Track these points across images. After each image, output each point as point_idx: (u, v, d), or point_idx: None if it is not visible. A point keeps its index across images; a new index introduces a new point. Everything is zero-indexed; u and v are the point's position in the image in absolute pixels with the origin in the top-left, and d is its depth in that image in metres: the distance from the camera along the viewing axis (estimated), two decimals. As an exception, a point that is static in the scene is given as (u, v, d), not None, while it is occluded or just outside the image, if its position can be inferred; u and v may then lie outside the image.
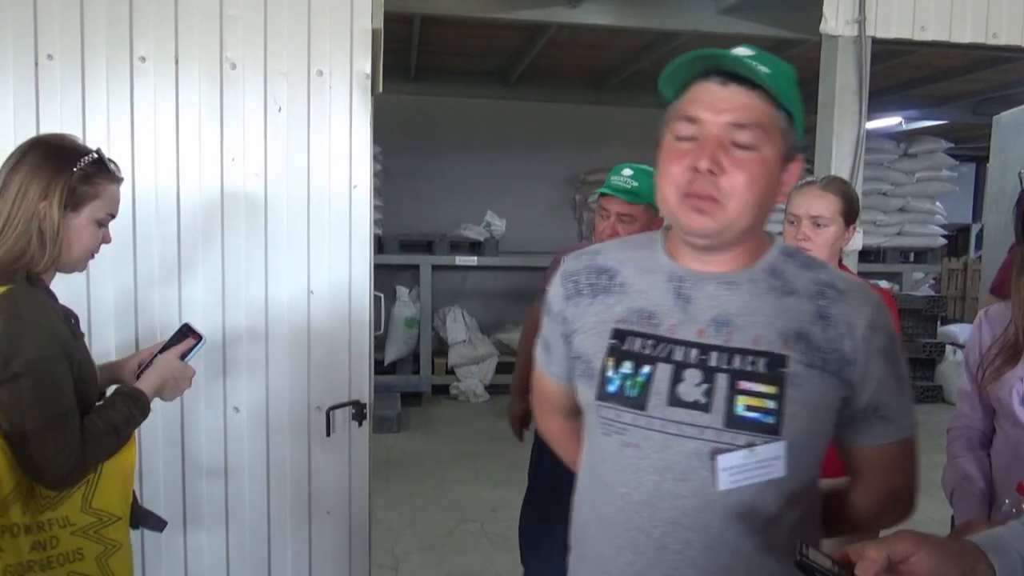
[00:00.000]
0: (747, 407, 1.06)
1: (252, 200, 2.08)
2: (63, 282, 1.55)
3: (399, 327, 6.50)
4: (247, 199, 2.07)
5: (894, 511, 1.22)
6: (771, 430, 1.05)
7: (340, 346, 2.15)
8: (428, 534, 3.93)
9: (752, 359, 1.07)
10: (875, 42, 3.16)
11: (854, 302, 1.10)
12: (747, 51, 1.09)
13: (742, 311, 1.10)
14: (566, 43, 5.57)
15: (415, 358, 6.70)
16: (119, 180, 1.52)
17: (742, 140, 1.05)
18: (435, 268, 6.61)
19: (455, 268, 6.72)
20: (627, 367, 1.11)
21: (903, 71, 6.02)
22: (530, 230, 7.01)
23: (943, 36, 3.14)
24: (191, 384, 1.66)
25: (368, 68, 2.08)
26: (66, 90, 1.97)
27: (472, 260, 6.58)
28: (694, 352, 1.09)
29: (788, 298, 1.10)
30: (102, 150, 1.49)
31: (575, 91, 7.18)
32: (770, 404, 1.05)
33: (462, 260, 6.55)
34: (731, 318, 1.10)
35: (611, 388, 1.12)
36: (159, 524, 1.69)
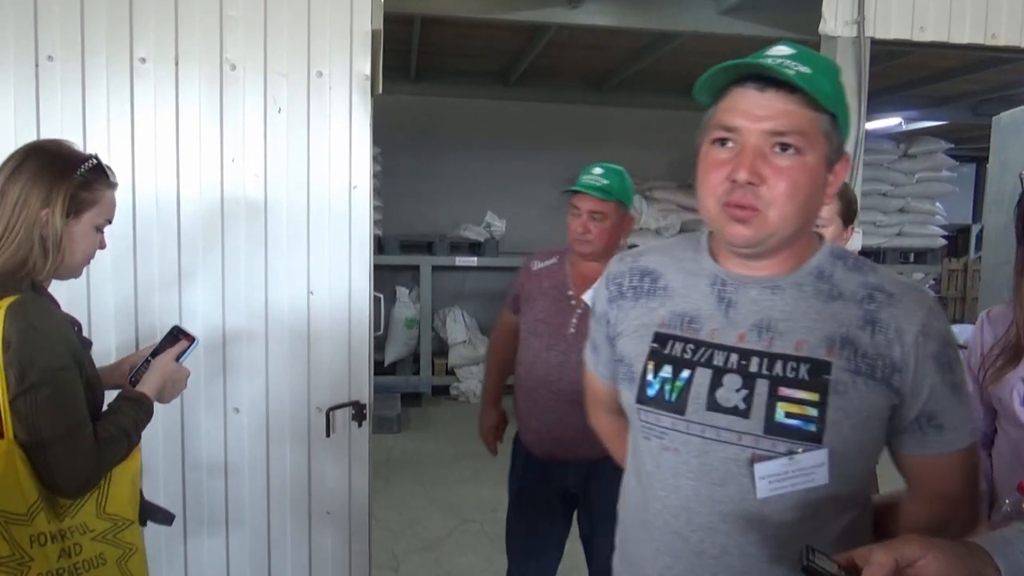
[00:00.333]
0: (787, 414, 1.04)
1: (252, 201, 2.08)
2: (63, 283, 1.55)
3: (399, 328, 6.49)
4: (247, 200, 2.08)
5: (953, 525, 1.14)
6: (813, 438, 1.03)
7: (340, 347, 2.15)
8: (428, 534, 3.93)
9: (794, 365, 1.05)
10: (874, 43, 3.15)
11: (906, 306, 1.06)
12: (787, 49, 1.06)
13: (785, 316, 1.08)
14: (566, 43, 5.56)
15: (415, 359, 6.69)
16: (115, 185, 1.52)
17: (782, 147, 1.02)
18: (435, 269, 6.61)
19: (455, 269, 6.72)
20: (666, 371, 1.11)
21: (902, 72, 6.02)
22: (530, 230, 6.99)
23: (942, 37, 3.14)
24: (187, 385, 1.67)
25: (368, 69, 2.08)
26: (66, 91, 1.97)
27: (472, 261, 6.58)
28: (734, 357, 1.08)
29: (835, 302, 1.08)
30: (99, 155, 1.49)
31: (575, 91, 7.17)
32: (811, 411, 1.03)
33: (462, 261, 6.54)
34: (773, 323, 1.08)
35: (651, 392, 1.12)
36: (167, 518, 1.70)
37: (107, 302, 2.04)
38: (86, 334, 1.63)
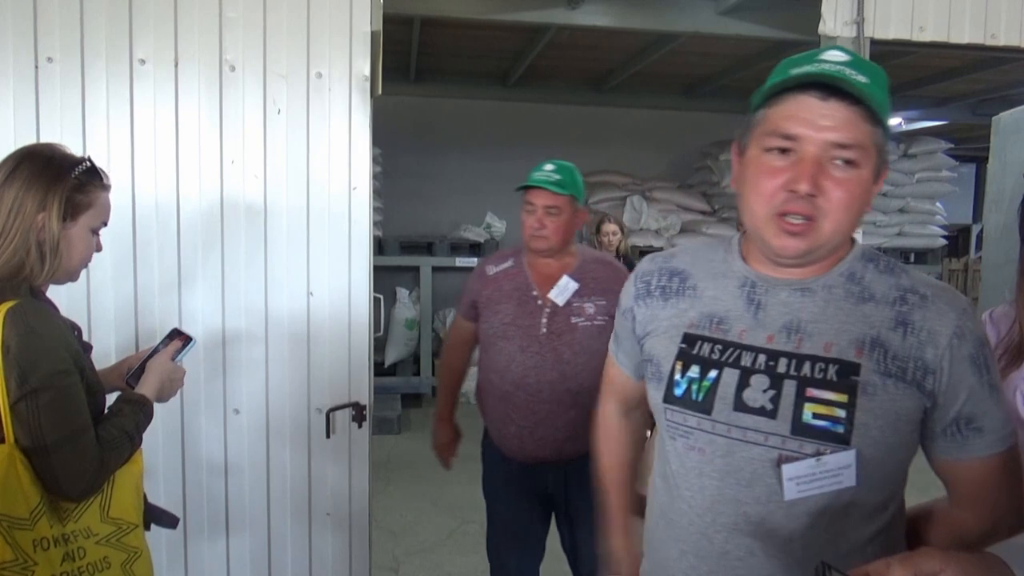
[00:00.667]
0: (815, 415, 1.03)
1: (251, 202, 2.08)
2: (63, 286, 1.54)
3: (399, 328, 6.49)
4: (246, 201, 2.07)
5: (1000, 530, 1.10)
6: (840, 439, 1.02)
7: (340, 348, 2.15)
8: (428, 535, 3.93)
9: (822, 366, 1.04)
10: (874, 43, 3.15)
11: (938, 308, 1.05)
12: (842, 55, 1.03)
13: (815, 318, 1.07)
14: (566, 44, 5.57)
15: (415, 359, 6.69)
16: (108, 187, 1.51)
17: (844, 159, 1.00)
18: (435, 269, 6.61)
19: (455, 269, 6.71)
20: (694, 371, 1.12)
21: (902, 72, 6.02)
22: (530, 231, 6.99)
23: (942, 37, 3.13)
24: (183, 384, 1.67)
25: (367, 70, 2.08)
26: (66, 93, 1.98)
27: (472, 261, 6.56)
28: (762, 358, 1.08)
29: (866, 304, 1.07)
30: (91, 158, 1.49)
31: (575, 92, 7.17)
32: (840, 412, 1.02)
33: (462, 261, 6.54)
34: (803, 324, 1.07)
35: (678, 392, 1.13)
36: (172, 521, 1.69)
37: (107, 304, 2.03)
38: (86, 337, 1.63)
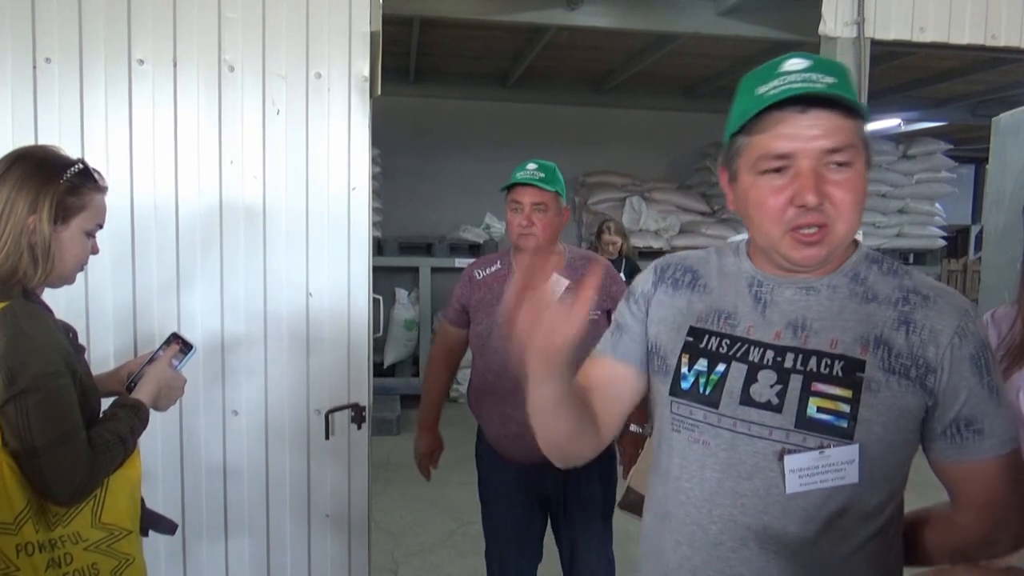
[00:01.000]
0: (819, 408, 1.04)
1: (250, 202, 2.07)
2: (62, 288, 1.54)
3: (398, 329, 6.49)
4: (245, 202, 2.07)
5: (1003, 536, 1.11)
6: (844, 434, 1.03)
7: (339, 349, 2.14)
8: (428, 537, 3.92)
9: (828, 361, 1.06)
10: (874, 43, 3.15)
11: (940, 308, 1.07)
12: (804, 62, 1.04)
13: (820, 315, 1.09)
14: (565, 45, 5.56)
15: (414, 360, 6.68)
16: (104, 189, 1.50)
17: (839, 162, 1.02)
18: (434, 270, 6.60)
19: (455, 270, 6.70)
20: (702, 365, 1.13)
21: (902, 72, 6.02)
22: (529, 232, 6.99)
23: (942, 37, 3.13)
24: (184, 392, 1.66)
25: (366, 71, 2.08)
26: (64, 93, 1.97)
27: (471, 262, 6.58)
28: (770, 353, 1.09)
29: (869, 304, 1.09)
30: (86, 160, 1.47)
31: (574, 93, 7.17)
32: (844, 407, 1.03)
33: (461, 262, 6.53)
34: (808, 322, 1.09)
35: (685, 385, 1.14)
36: (170, 527, 1.67)
37: (105, 306, 2.03)
38: (85, 339, 1.62)
